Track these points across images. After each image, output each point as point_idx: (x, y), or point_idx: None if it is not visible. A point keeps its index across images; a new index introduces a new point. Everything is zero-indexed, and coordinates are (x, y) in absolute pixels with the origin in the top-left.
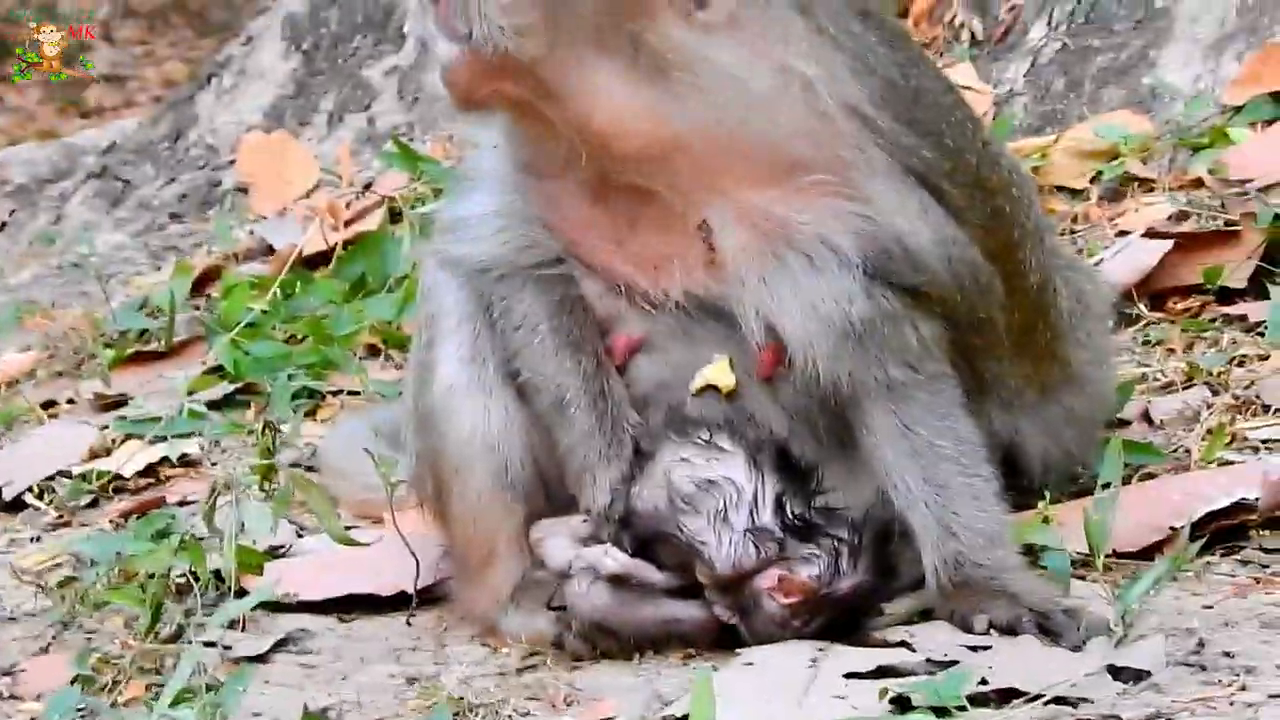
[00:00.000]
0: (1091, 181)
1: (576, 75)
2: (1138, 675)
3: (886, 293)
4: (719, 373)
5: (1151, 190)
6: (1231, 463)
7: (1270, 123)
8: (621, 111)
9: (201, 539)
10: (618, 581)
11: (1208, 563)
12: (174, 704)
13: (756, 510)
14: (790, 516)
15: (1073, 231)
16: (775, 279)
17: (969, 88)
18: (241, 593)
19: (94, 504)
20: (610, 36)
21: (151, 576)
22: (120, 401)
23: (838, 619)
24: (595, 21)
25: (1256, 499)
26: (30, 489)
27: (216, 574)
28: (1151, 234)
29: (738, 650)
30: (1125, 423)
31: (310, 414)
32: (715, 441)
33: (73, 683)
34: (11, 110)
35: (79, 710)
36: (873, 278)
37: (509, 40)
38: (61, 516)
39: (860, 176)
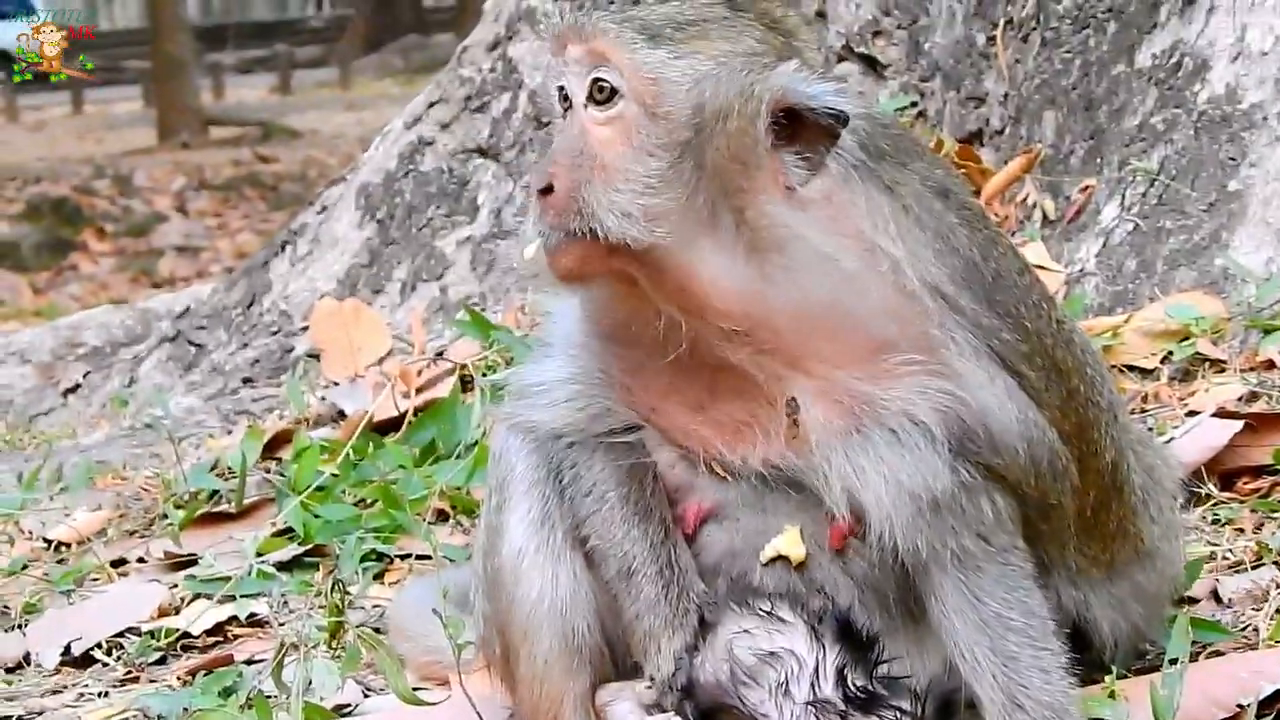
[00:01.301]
0: (1162, 361)
1: (681, 254)
2: None
3: (967, 466)
4: (790, 543)
5: (1222, 371)
6: None
7: None
8: (721, 289)
9: (270, 697)
10: None
11: None
12: None
13: (818, 682)
14: (853, 688)
15: (1143, 410)
16: (857, 451)
17: (1041, 267)
18: None
19: (162, 661)
20: (717, 215)
21: None
22: (190, 561)
23: None
24: (704, 197)
25: None
26: (99, 645)
27: None
28: (1222, 414)
29: None
30: (1194, 600)
31: (378, 577)
32: (776, 613)
33: None
34: (85, 278)
35: None
36: (955, 454)
37: (630, 231)
38: (130, 673)
39: (947, 355)
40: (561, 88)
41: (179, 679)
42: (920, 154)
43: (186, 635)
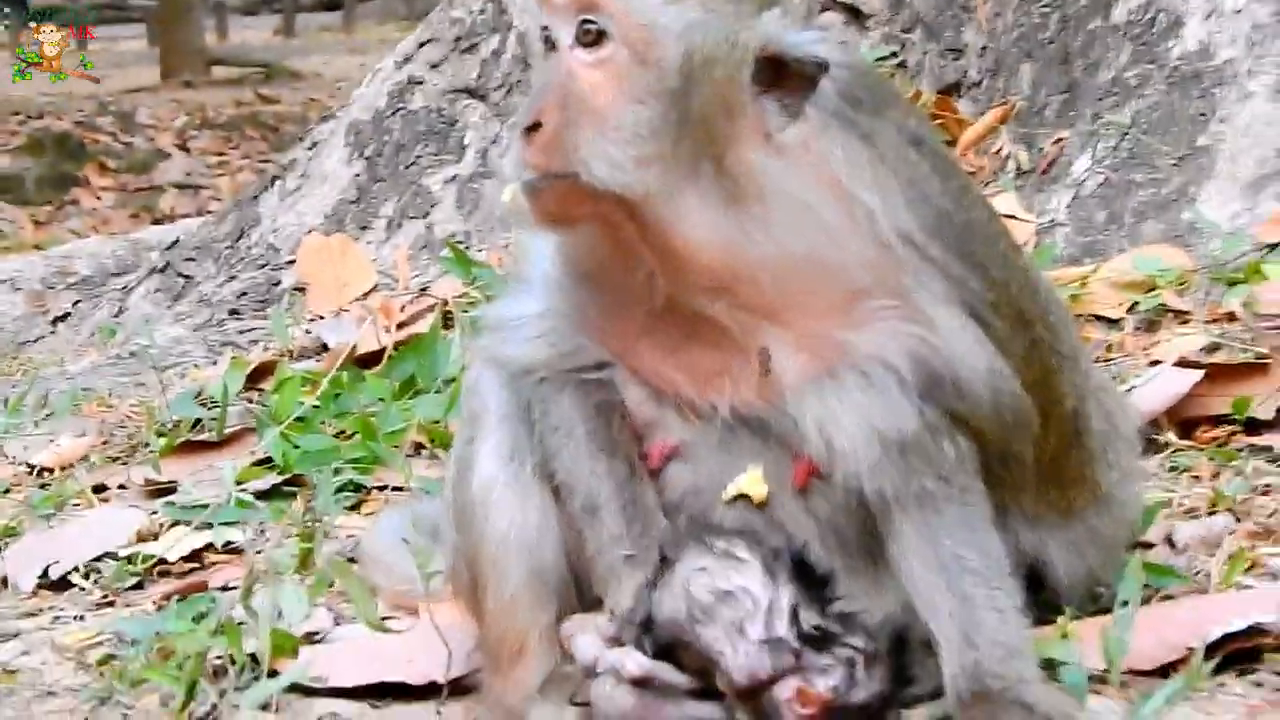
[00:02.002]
0: (1128, 312)
1: (664, 204)
2: None
3: (933, 410)
4: (752, 483)
5: (1186, 322)
6: (1250, 588)
7: None
8: (701, 238)
9: (242, 624)
10: (641, 683)
11: (1221, 683)
12: None
13: (772, 621)
14: (806, 627)
15: (1108, 359)
16: (829, 394)
17: (1013, 216)
18: (275, 675)
19: (138, 586)
20: (698, 164)
21: (189, 657)
22: (170, 488)
23: None
24: (688, 145)
25: (1272, 623)
26: (77, 569)
27: (253, 657)
28: (1183, 364)
29: None
30: (1148, 545)
31: (354, 508)
32: (733, 552)
33: None
34: (87, 213)
35: None
36: (923, 398)
37: (618, 179)
38: (106, 597)
39: (919, 302)
40: (545, 27)
41: (154, 604)
42: (895, 102)
43: (163, 561)
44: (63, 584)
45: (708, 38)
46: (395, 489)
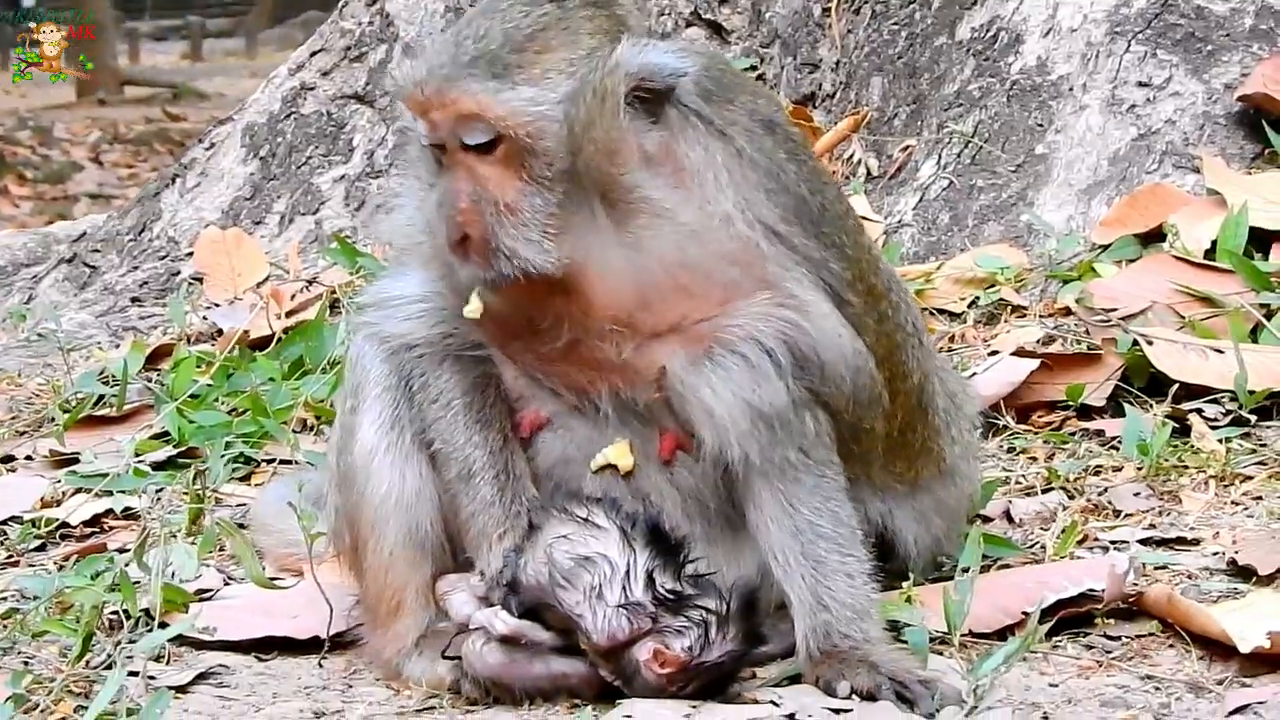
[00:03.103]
0: (970, 306)
1: (583, 258)
2: None
3: (798, 386)
4: (619, 454)
5: (1023, 316)
6: (1082, 559)
7: (1133, 260)
8: (602, 272)
9: (137, 583)
10: (509, 641)
11: (1055, 645)
12: None
13: (629, 585)
14: (661, 591)
15: (950, 349)
16: (709, 374)
17: (864, 218)
18: (166, 628)
19: (41, 548)
20: (595, 206)
21: (86, 610)
22: (73, 459)
23: (711, 683)
24: (587, 202)
25: (1102, 590)
26: None
27: (146, 612)
28: (1021, 354)
29: (619, 702)
30: (987, 519)
31: (245, 479)
32: (592, 519)
33: (6, 701)
34: (6, 219)
35: None
36: (793, 376)
37: (548, 259)
38: (11, 557)
39: (790, 288)
40: (432, 144)
41: (55, 564)
42: (743, 86)
43: (65, 525)
44: None
45: (581, 101)
46: (283, 462)
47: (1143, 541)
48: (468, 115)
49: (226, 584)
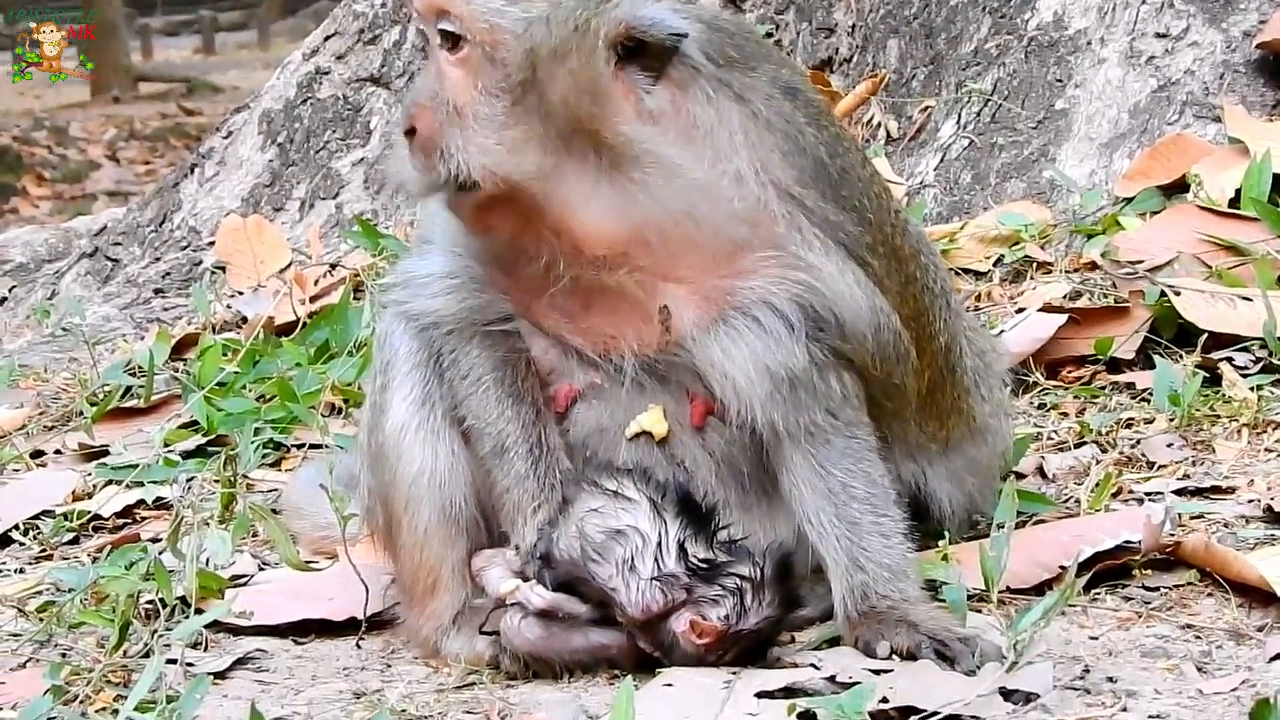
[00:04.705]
0: (995, 264)
1: (548, 187)
2: (1027, 697)
3: (819, 348)
4: (653, 420)
5: (1049, 272)
6: (1117, 511)
7: (1157, 212)
8: (590, 211)
9: (172, 571)
10: (546, 615)
11: (1094, 598)
12: (137, 710)
13: (662, 557)
14: (694, 560)
15: (977, 308)
16: (724, 338)
17: (886, 180)
18: (202, 614)
19: (75, 541)
20: (575, 144)
21: (122, 600)
22: (102, 451)
23: (749, 649)
24: (559, 129)
25: (1139, 541)
26: (16, 527)
27: (182, 600)
28: (1048, 309)
29: (659, 671)
30: (1021, 475)
31: (275, 465)
32: (622, 491)
33: (45, 694)
34: (25, 220)
35: (50, 718)
36: (810, 338)
37: (492, 167)
38: (45, 551)
39: (800, 250)
40: (421, 32)
41: (89, 556)
42: (767, 55)
43: (97, 518)
44: (4, 541)
45: (552, 32)
46: (313, 446)
47: (1177, 492)
48: (441, 7)
49: (261, 569)
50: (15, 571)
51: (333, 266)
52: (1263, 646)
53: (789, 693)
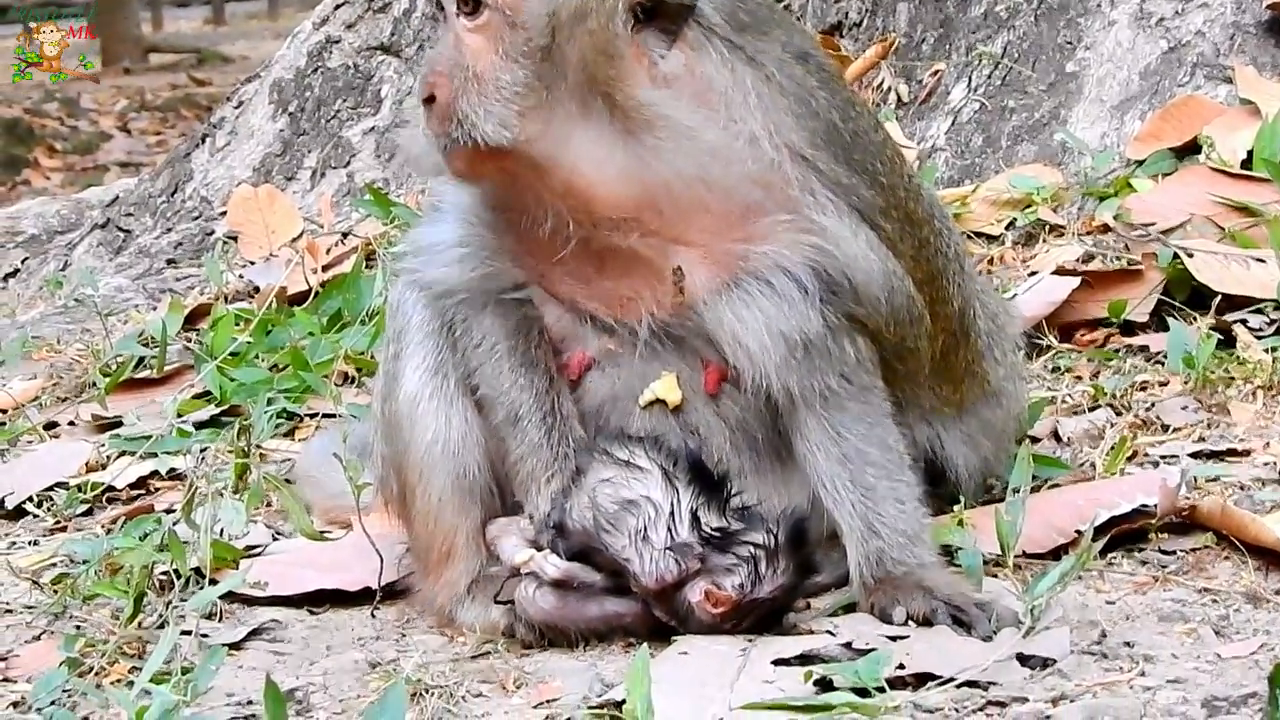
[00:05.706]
0: (1007, 228)
1: (561, 151)
2: (1044, 662)
3: (833, 312)
4: (667, 388)
5: (1061, 235)
6: (1132, 475)
7: (1169, 174)
8: (600, 174)
9: (186, 542)
10: (560, 585)
11: (1110, 562)
12: (152, 681)
13: (675, 526)
14: (707, 529)
15: (990, 272)
16: (737, 302)
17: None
18: (217, 585)
19: (88, 513)
20: (590, 108)
21: (136, 571)
22: (116, 423)
23: (765, 616)
24: (574, 92)
25: (1155, 504)
26: (30, 499)
27: (197, 571)
28: (1061, 272)
29: (674, 639)
30: (1036, 439)
31: (288, 434)
32: (634, 461)
33: (60, 665)
34: (38, 192)
35: (65, 690)
36: (824, 301)
37: (504, 135)
38: (59, 523)
39: (812, 213)
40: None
41: (103, 527)
42: (779, 21)
43: (111, 489)
44: (18, 513)
45: None
46: (326, 415)
47: (1193, 454)
48: None
49: (275, 539)
50: (30, 544)
51: (344, 235)
52: None
53: (805, 660)
